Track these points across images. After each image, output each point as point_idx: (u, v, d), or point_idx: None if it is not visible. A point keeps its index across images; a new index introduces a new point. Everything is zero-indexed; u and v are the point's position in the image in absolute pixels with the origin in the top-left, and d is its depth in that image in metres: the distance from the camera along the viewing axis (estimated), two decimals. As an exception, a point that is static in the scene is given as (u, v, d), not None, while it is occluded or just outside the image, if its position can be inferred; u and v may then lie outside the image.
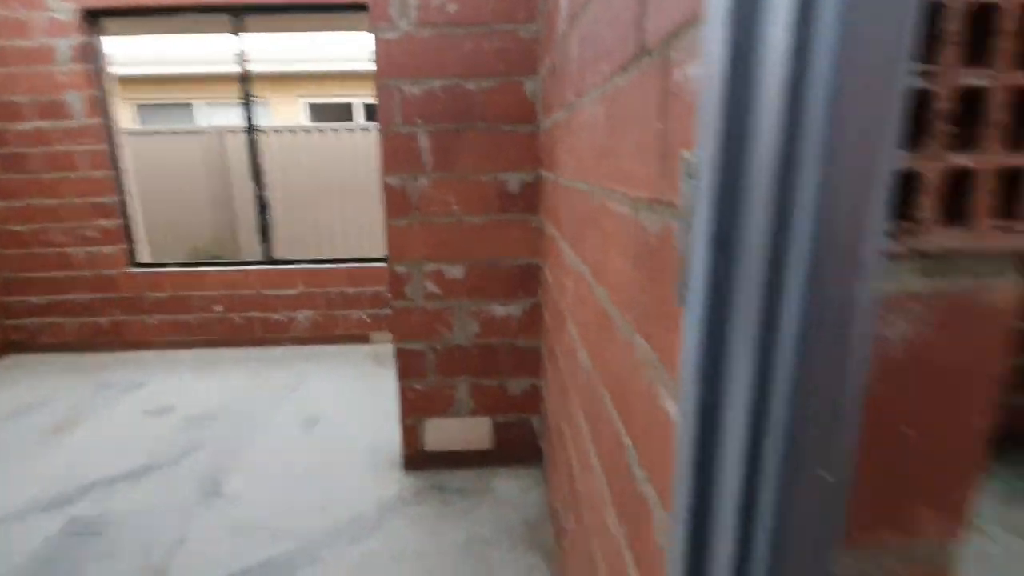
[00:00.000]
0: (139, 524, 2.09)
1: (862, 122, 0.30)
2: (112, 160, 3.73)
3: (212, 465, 2.49)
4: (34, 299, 3.92)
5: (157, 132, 6.39)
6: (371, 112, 8.85)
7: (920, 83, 0.32)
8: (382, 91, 2.05)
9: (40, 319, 3.96)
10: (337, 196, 6.25)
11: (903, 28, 0.28)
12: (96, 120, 3.63)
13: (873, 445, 0.39)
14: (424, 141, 2.10)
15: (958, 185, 0.34)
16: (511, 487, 2.26)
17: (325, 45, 8.18)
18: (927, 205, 0.35)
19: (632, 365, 0.72)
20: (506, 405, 2.34)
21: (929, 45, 0.31)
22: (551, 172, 1.79)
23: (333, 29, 3.99)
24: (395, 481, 2.33)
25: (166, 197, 6.13)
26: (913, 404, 0.39)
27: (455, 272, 2.21)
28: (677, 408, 0.53)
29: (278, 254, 4.25)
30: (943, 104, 0.33)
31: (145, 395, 3.25)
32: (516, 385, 2.32)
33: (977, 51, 0.32)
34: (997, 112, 0.33)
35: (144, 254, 4.03)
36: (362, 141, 6.18)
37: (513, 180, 2.15)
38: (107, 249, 3.85)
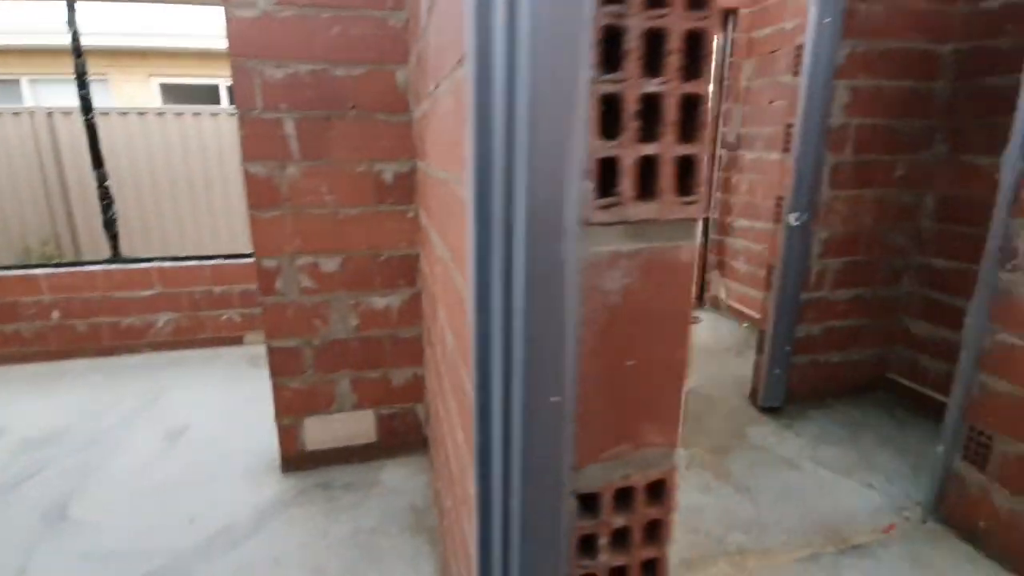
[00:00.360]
0: (-45, 568, 1.80)
1: (554, 123, 0.38)
2: None
3: (56, 490, 2.20)
4: None
5: (-38, 110, 5.36)
6: (239, 96, 8.16)
7: (612, 89, 0.41)
8: (239, 73, 1.93)
9: None
10: (200, 187, 5.71)
11: (580, 55, 0.37)
12: None
13: (607, 375, 0.48)
14: (290, 128, 2.01)
15: (648, 169, 0.44)
16: (398, 476, 2.27)
17: (181, 19, 7.37)
18: (626, 185, 0.44)
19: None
20: (390, 396, 2.33)
21: (617, 60, 0.40)
22: (423, 162, 1.81)
23: (184, 2, 3.62)
24: (273, 484, 2.22)
25: (-21, 187, 5.19)
26: (632, 341, 0.48)
27: (331, 265, 2.15)
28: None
29: (130, 251, 3.80)
30: (631, 106, 0.42)
31: (-41, 420, 2.77)
32: (399, 375, 2.33)
33: (654, 65, 0.41)
34: (672, 112, 0.43)
35: (-51, 255, 3.40)
36: (228, 126, 5.69)
37: (389, 170, 2.14)
38: None
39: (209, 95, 7.99)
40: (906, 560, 1.78)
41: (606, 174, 0.42)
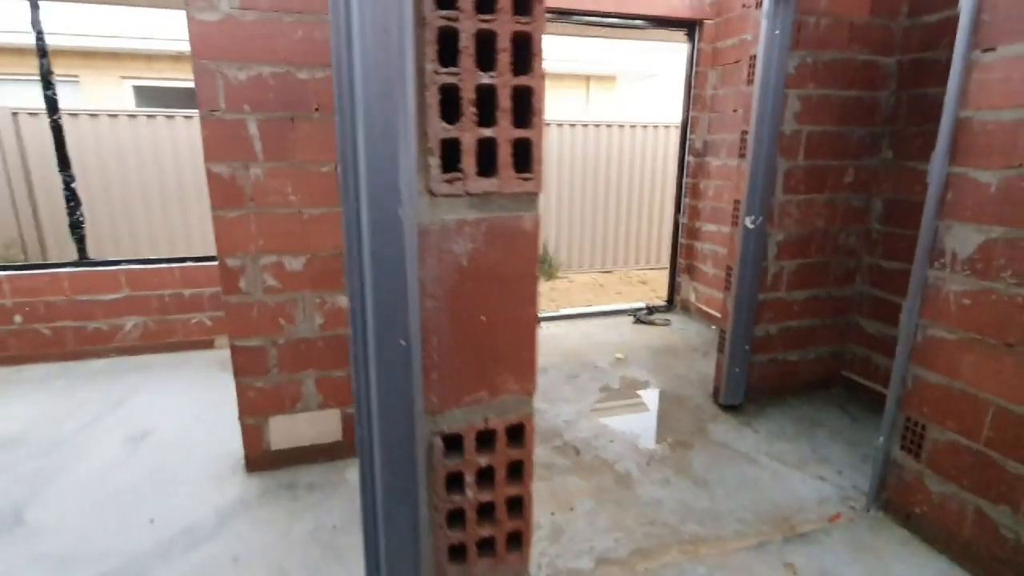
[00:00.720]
0: (-97, 572, 1.76)
1: (386, 109, 0.43)
2: None
3: (11, 496, 2.17)
4: None
5: (-78, 110, 5.24)
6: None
7: (450, 81, 0.47)
8: (201, 74, 1.95)
9: None
10: (172, 190, 5.65)
11: (406, 51, 0.43)
12: None
13: (461, 328, 0.53)
14: (254, 128, 2.03)
15: (488, 148, 0.49)
16: (363, 476, 2.28)
17: (155, 21, 7.30)
18: (467, 162, 0.50)
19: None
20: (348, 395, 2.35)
21: (453, 56, 0.46)
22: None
23: (150, 5, 3.61)
24: (237, 485, 2.22)
25: (-61, 190, 5.06)
26: (483, 299, 0.54)
27: (296, 264, 2.17)
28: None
29: (96, 254, 3.75)
30: (467, 95, 0.47)
31: (-88, 426, 2.70)
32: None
33: (489, 61, 0.47)
34: (505, 101, 0.49)
35: (-94, 257, 3.32)
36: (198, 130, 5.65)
37: (353, 171, 2.17)
38: None
39: (185, 98, 7.92)
40: (847, 546, 1.86)
41: (453, 153, 0.47)
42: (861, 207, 2.79)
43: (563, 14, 3.76)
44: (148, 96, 7.90)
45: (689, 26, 4.12)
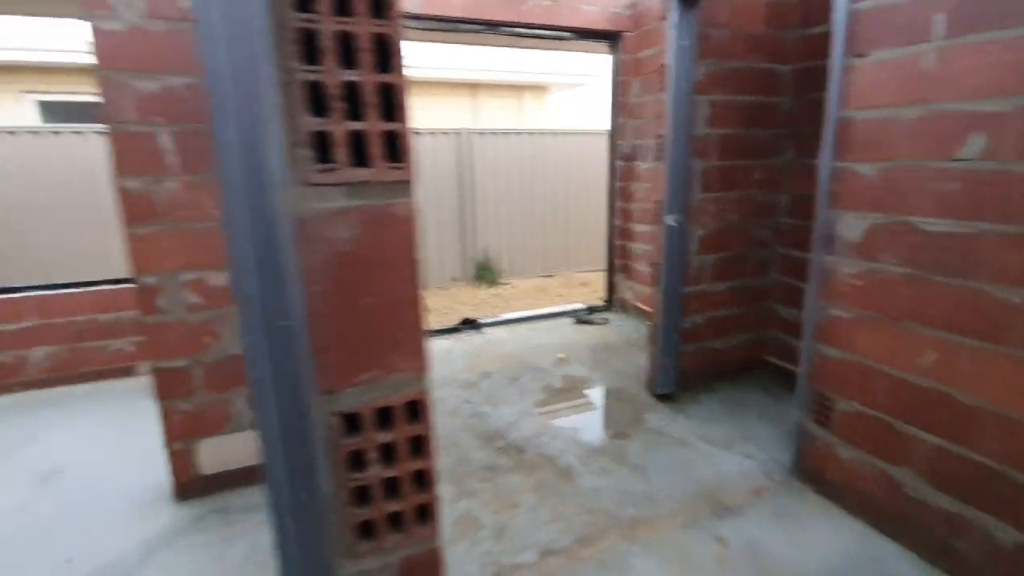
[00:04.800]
0: None
1: (251, 106, 0.46)
2: None
3: None
4: None
5: None
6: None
7: (316, 78, 0.50)
8: (107, 86, 1.87)
9: None
10: (84, 209, 5.29)
11: (261, 51, 0.46)
12: None
13: (346, 310, 0.56)
14: (166, 141, 1.96)
15: (362, 141, 0.53)
16: (302, 493, 2.22)
17: (60, 32, 6.83)
18: (340, 153, 0.53)
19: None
20: (291, 411, 2.29)
21: (315, 55, 0.49)
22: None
23: (48, 15, 3.40)
24: (164, 515, 2.11)
25: None
26: (365, 283, 0.57)
27: (219, 279, 2.10)
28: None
29: (4, 280, 3.46)
30: (333, 91, 0.51)
31: None
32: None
33: (351, 59, 0.51)
34: (371, 97, 0.53)
35: None
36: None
37: (277, 182, 2.13)
38: None
39: (89, 113, 7.43)
40: (771, 515, 1.99)
41: (329, 146, 0.50)
42: (770, 203, 3.01)
43: (493, 26, 3.84)
44: (56, 111, 7.37)
45: (611, 38, 4.31)
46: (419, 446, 0.65)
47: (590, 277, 7.31)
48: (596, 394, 3.15)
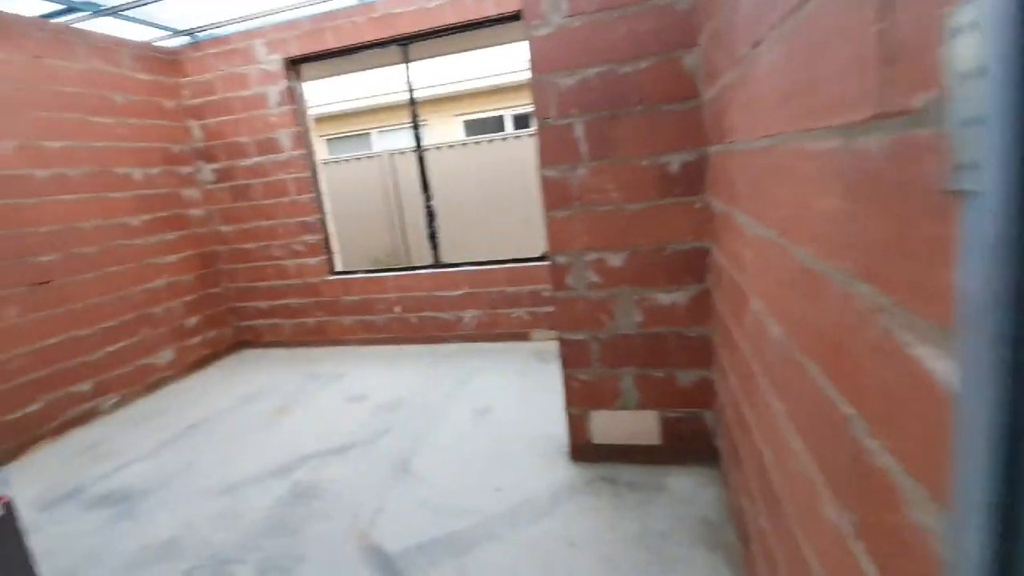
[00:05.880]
0: (346, 492, 2.41)
1: None
2: (313, 185, 4.41)
3: (400, 447, 2.78)
4: (260, 304, 4.80)
5: (344, 159, 7.42)
6: (520, 122, 9.20)
7: None
8: (537, 87, 2.11)
9: (264, 321, 4.83)
10: (494, 201, 6.60)
11: None
12: (300, 151, 4.34)
13: None
14: (580, 131, 2.11)
15: None
16: (685, 485, 2.14)
17: (478, 64, 8.73)
18: None
19: (854, 318, 0.63)
20: (675, 398, 2.23)
21: None
22: (720, 144, 1.67)
23: (487, 45, 4.22)
24: (564, 469, 2.36)
25: (350, 214, 7.06)
26: None
27: (616, 260, 2.17)
28: (942, 353, 0.44)
29: (445, 258, 4.61)
30: None
31: (344, 385, 3.76)
32: (685, 377, 2.20)
33: None
34: None
35: (339, 264, 4.69)
36: (515, 149, 6.45)
37: (674, 161, 2.05)
38: (311, 260, 4.56)
39: (496, 125, 9.25)
40: None
41: None
42: None
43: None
44: (473, 127, 9.51)
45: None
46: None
47: None
48: None
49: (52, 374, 3.41)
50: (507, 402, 3.14)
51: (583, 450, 2.38)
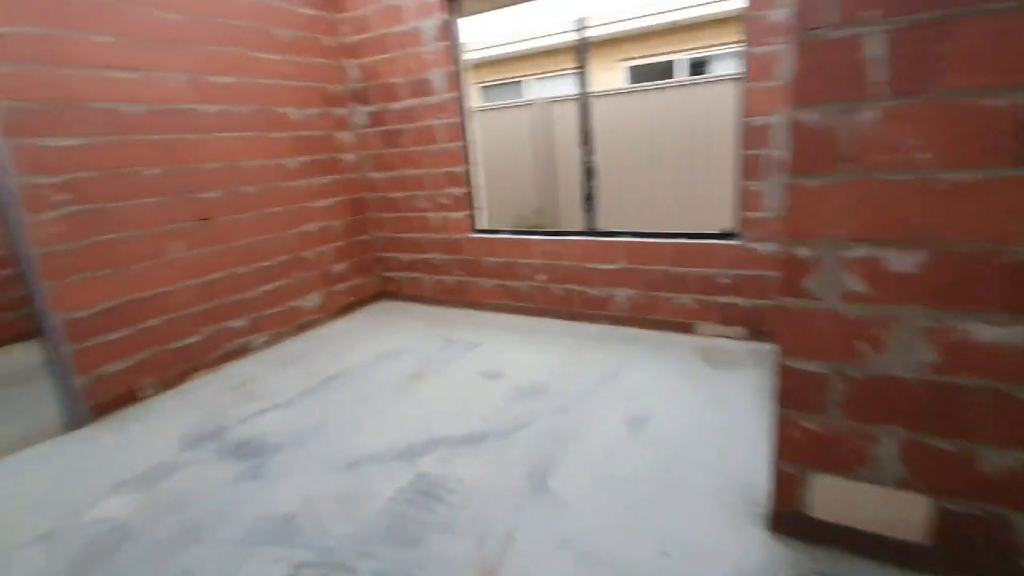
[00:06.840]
0: (475, 499, 2.02)
1: None
2: (463, 133, 4.00)
3: (539, 450, 2.31)
4: (402, 256, 4.63)
5: (493, 108, 6.97)
6: (696, 69, 7.93)
7: None
8: (812, -24, 1.33)
9: (406, 273, 4.67)
10: (665, 162, 5.70)
11: None
12: (453, 94, 3.92)
13: None
14: (875, 48, 1.30)
15: None
16: (973, 623, 1.36)
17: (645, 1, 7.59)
18: None
19: None
20: (968, 484, 1.42)
21: None
22: None
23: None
24: (758, 544, 1.69)
25: (497, 167, 6.65)
26: None
27: (903, 262, 1.38)
28: None
29: (601, 225, 3.97)
30: None
31: (480, 356, 3.40)
32: (995, 458, 1.38)
33: None
34: None
35: (482, 221, 4.30)
36: (692, 99, 5.45)
37: (1048, 101, 1.17)
38: (455, 215, 4.22)
39: (664, 73, 8.09)
40: None
41: None
42: None
43: None
44: (638, 74, 8.45)
45: None
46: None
47: None
48: None
49: (213, 308, 3.51)
50: (670, 414, 2.50)
51: (790, 521, 1.69)
